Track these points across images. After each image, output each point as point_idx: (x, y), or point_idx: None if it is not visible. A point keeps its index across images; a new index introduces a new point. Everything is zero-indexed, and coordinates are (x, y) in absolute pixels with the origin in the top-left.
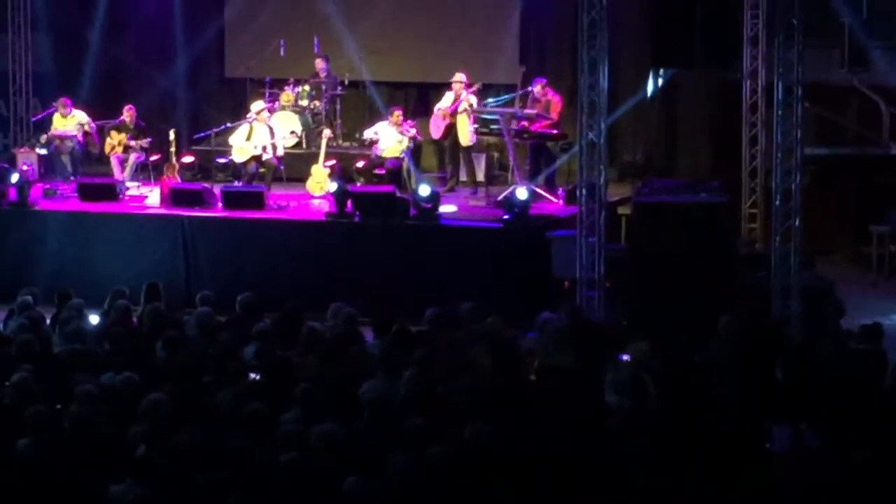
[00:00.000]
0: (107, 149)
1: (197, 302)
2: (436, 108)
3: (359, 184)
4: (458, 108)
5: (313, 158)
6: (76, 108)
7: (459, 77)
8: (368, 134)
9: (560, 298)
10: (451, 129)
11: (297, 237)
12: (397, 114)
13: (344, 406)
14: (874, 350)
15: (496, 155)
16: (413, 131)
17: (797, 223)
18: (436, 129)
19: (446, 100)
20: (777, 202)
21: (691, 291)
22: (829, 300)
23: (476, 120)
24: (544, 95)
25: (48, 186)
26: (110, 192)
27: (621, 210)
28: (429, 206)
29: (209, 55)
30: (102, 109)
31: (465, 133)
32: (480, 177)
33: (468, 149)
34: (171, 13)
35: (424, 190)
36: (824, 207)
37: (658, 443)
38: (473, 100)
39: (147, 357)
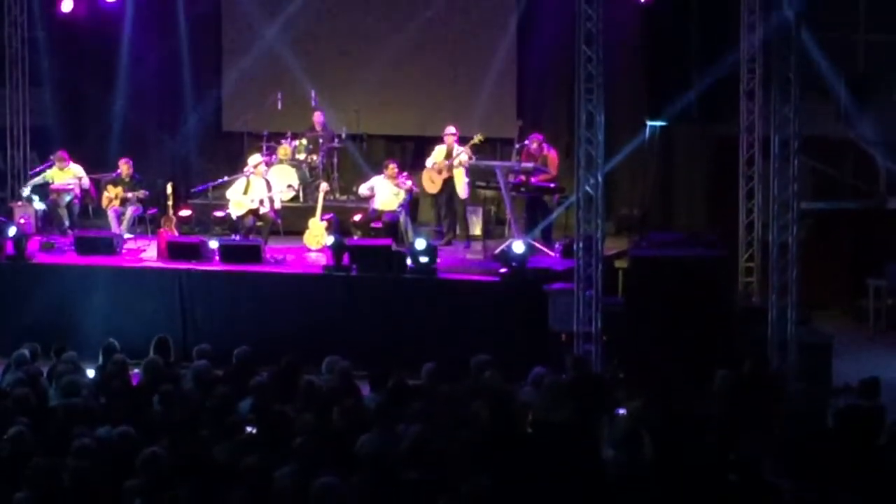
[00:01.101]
0: (104, 202)
1: (194, 355)
2: (428, 163)
3: (356, 237)
4: (454, 163)
5: (310, 212)
6: (73, 161)
7: (450, 130)
8: (363, 190)
9: (561, 351)
10: (446, 183)
11: (295, 290)
12: (392, 167)
13: (341, 460)
14: (871, 405)
15: (493, 208)
16: (409, 183)
17: (794, 277)
18: (430, 184)
19: (438, 153)
20: (774, 256)
21: (688, 345)
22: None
23: (471, 173)
24: (540, 151)
25: (45, 240)
26: (108, 245)
27: (618, 264)
28: (425, 259)
29: (206, 109)
30: (100, 163)
31: (461, 186)
32: (477, 230)
33: (464, 202)
34: (169, 67)
35: (421, 244)
36: (821, 261)
37: (655, 497)
38: (465, 154)
39: (144, 411)
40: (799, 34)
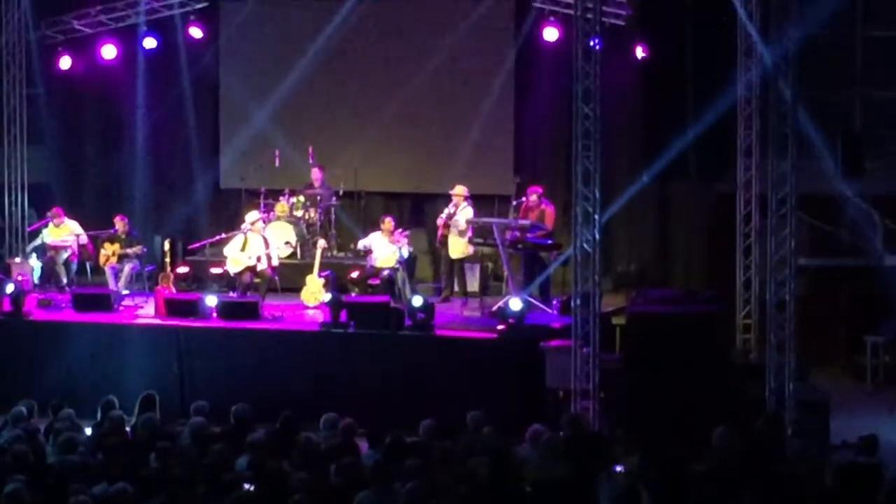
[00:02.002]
0: (101, 259)
1: (191, 412)
2: (439, 218)
3: (353, 294)
4: (453, 219)
5: (308, 269)
6: (70, 218)
7: (460, 190)
8: (362, 245)
9: (558, 409)
10: (445, 240)
11: (292, 347)
12: (388, 221)
13: None
14: (870, 462)
15: (490, 265)
16: (404, 241)
17: (791, 333)
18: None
19: (444, 211)
20: (771, 312)
21: (686, 402)
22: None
23: (471, 231)
24: (538, 205)
25: (43, 297)
26: (105, 302)
27: (616, 320)
28: (423, 316)
29: (204, 166)
30: (98, 220)
31: (457, 245)
32: (475, 287)
33: (460, 260)
34: (167, 124)
35: (418, 300)
36: (819, 318)
37: None
38: (469, 212)
39: (141, 468)
40: (783, 87)
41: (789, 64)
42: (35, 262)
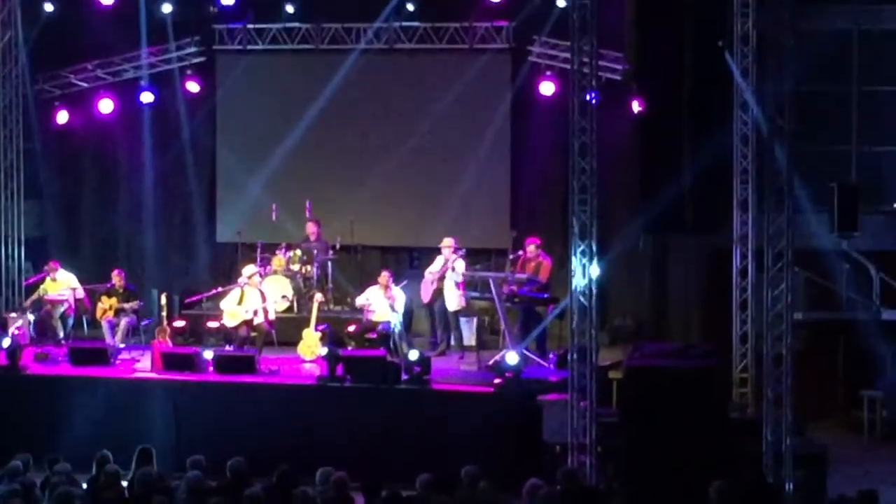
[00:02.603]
0: (98, 313)
1: (188, 466)
2: (426, 273)
3: (350, 348)
4: (446, 273)
5: (305, 323)
6: (67, 272)
7: (448, 242)
8: (360, 301)
9: (554, 463)
10: (439, 294)
11: (289, 401)
12: (385, 275)
13: None
14: None
15: (487, 319)
16: (401, 298)
17: (788, 388)
18: (425, 294)
19: (436, 264)
20: (768, 367)
21: (683, 456)
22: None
23: (465, 284)
24: (536, 256)
25: (39, 351)
26: (102, 356)
27: (612, 374)
28: (419, 370)
29: (200, 220)
30: (95, 274)
31: (453, 297)
32: (471, 341)
33: (456, 313)
34: (164, 178)
35: (414, 354)
36: (815, 372)
37: None
38: (461, 265)
39: None
40: (779, 141)
41: (785, 118)
42: (31, 316)
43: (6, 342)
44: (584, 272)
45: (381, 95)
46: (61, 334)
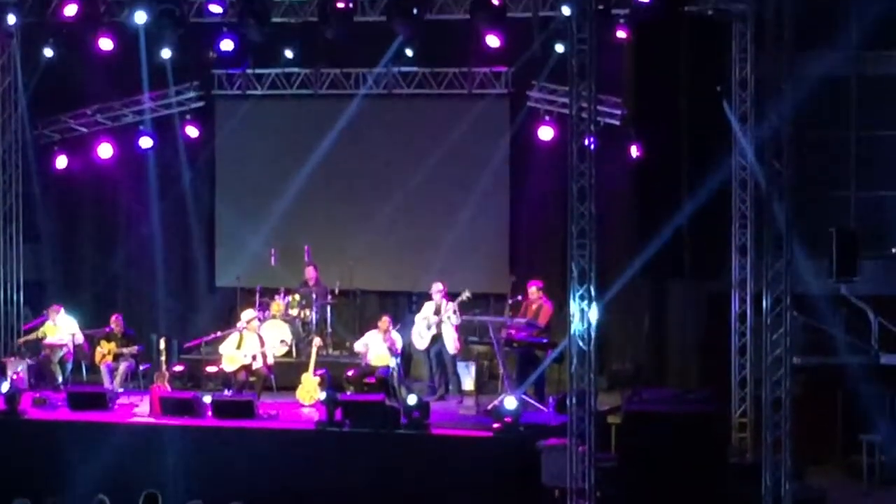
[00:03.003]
0: (97, 358)
1: None
2: (417, 318)
3: (349, 392)
4: (441, 319)
5: (303, 367)
6: (67, 315)
7: (437, 287)
8: (358, 347)
9: None
10: (435, 339)
11: (287, 446)
12: (385, 320)
13: None
14: None
15: (486, 363)
16: (399, 343)
17: (787, 432)
18: (418, 339)
19: (427, 309)
20: (767, 411)
21: (682, 501)
22: None
23: (460, 329)
24: (538, 300)
25: (38, 395)
26: (100, 401)
27: (611, 419)
28: (418, 414)
29: (199, 264)
30: (93, 318)
31: (450, 342)
32: (470, 385)
33: (454, 357)
34: (163, 223)
35: (412, 399)
36: (814, 417)
37: None
38: (452, 307)
39: None
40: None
41: (783, 163)
42: (29, 360)
43: (5, 387)
44: (583, 317)
45: (380, 140)
46: (60, 379)
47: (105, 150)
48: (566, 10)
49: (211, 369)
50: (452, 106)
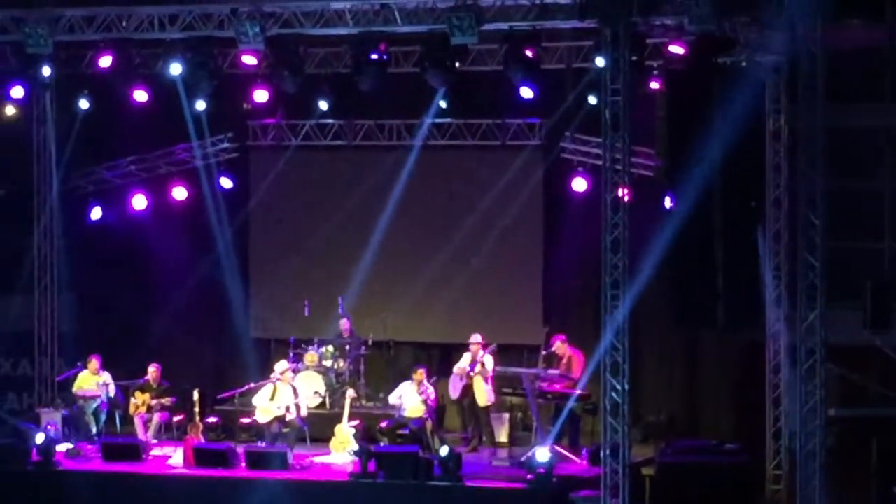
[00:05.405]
0: (131, 409)
1: None
2: (454, 369)
3: (382, 444)
4: (475, 370)
5: (337, 418)
6: (103, 368)
7: (476, 338)
8: (393, 399)
9: None
10: (468, 390)
11: (321, 497)
12: (420, 372)
13: None
14: None
15: (520, 415)
16: (432, 395)
17: (821, 484)
18: (454, 390)
19: (464, 361)
20: (801, 463)
21: None
22: None
23: (494, 380)
24: (565, 353)
25: (72, 446)
26: (134, 452)
27: (645, 471)
28: (451, 466)
29: (233, 316)
30: (127, 370)
31: (483, 393)
32: (503, 437)
33: (487, 409)
34: (197, 274)
35: (445, 450)
36: (848, 469)
37: None
38: (490, 361)
39: None
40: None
41: (817, 215)
42: (63, 412)
43: (39, 438)
44: (617, 369)
45: (413, 190)
46: (94, 430)
47: (139, 202)
48: (600, 62)
49: (244, 421)
50: (486, 157)
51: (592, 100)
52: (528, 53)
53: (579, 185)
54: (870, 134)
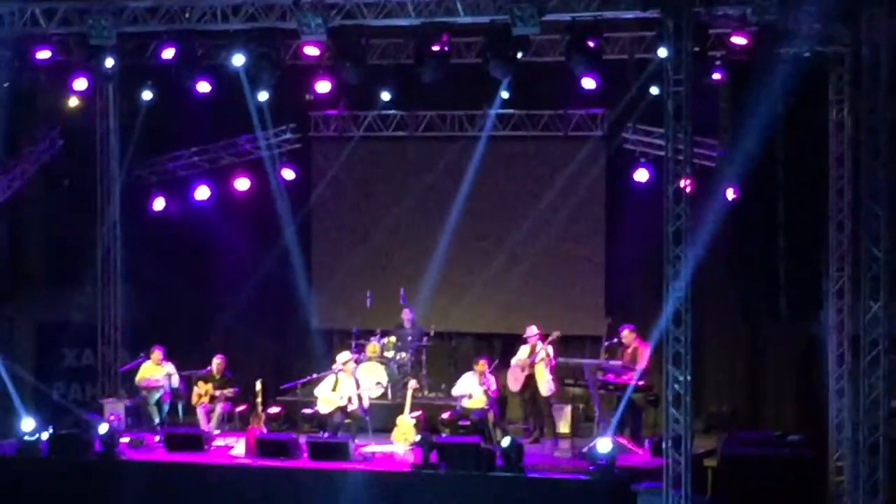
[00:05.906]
0: (193, 399)
1: None
2: (513, 362)
3: (444, 435)
4: (536, 360)
5: (399, 409)
6: (166, 359)
7: (532, 330)
8: (456, 391)
9: None
10: (530, 381)
11: (383, 488)
12: (482, 363)
13: None
14: None
15: (581, 406)
16: (493, 386)
17: (883, 476)
18: (514, 382)
19: (522, 353)
20: (864, 455)
21: None
22: None
23: (556, 371)
24: (631, 343)
25: (134, 437)
26: (196, 442)
27: (707, 462)
28: (513, 457)
29: (296, 307)
30: (189, 360)
31: (544, 383)
32: (564, 428)
33: (548, 400)
34: (258, 266)
35: (507, 442)
36: None
37: None
38: (549, 351)
39: None
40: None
41: (881, 206)
42: (126, 402)
43: (102, 428)
44: (679, 360)
45: (476, 182)
46: (157, 420)
47: (202, 192)
48: (662, 52)
49: (307, 411)
50: (548, 148)
51: (655, 90)
52: (591, 44)
53: (641, 175)
54: None
